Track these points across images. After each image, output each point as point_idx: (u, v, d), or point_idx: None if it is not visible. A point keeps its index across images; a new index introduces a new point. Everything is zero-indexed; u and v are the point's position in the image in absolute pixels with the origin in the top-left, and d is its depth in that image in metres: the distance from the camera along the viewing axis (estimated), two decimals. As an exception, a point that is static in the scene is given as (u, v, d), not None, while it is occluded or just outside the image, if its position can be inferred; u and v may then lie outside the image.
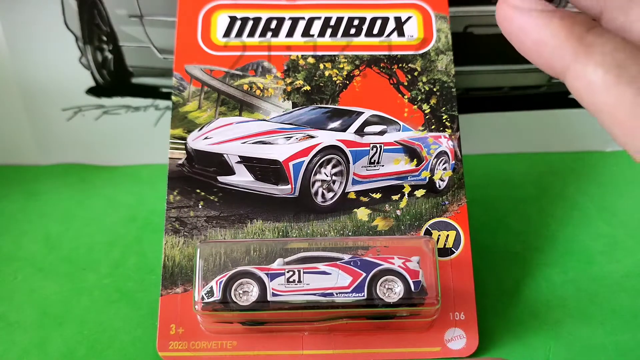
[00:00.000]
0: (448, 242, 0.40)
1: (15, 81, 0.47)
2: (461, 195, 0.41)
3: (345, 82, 0.43)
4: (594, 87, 0.25)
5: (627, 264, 0.44)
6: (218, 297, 0.36)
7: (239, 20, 0.44)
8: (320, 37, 0.44)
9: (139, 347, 0.40)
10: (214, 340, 0.38)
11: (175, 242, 0.39)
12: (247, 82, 0.43)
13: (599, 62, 0.25)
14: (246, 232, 0.39)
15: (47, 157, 0.50)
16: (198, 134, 0.42)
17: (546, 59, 0.27)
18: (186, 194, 0.40)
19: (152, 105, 0.49)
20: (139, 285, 0.43)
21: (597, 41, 0.25)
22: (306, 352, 0.38)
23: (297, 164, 0.40)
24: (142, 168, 0.50)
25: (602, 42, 0.25)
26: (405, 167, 0.41)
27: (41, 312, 0.42)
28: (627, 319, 0.41)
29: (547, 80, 0.50)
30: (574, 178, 0.49)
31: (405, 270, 0.36)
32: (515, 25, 0.28)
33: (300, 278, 0.36)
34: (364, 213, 0.40)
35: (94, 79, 0.48)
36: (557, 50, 0.26)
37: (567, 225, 0.46)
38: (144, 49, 0.48)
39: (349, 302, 0.36)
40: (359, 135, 0.41)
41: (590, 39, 0.25)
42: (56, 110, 0.48)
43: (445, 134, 0.42)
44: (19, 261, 0.45)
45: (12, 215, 0.47)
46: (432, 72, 0.43)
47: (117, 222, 0.47)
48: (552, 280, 0.43)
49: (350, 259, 0.37)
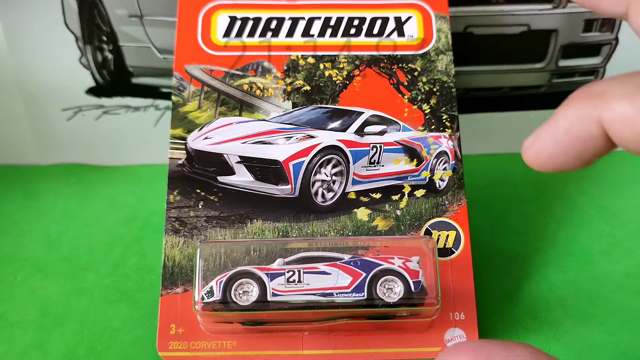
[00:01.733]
0: (448, 242, 0.40)
1: (15, 81, 0.47)
2: (461, 195, 0.41)
3: (345, 82, 0.43)
4: (631, 118, 0.23)
5: (627, 264, 0.44)
6: (218, 297, 0.36)
7: (239, 20, 0.44)
8: (320, 37, 0.44)
9: (139, 347, 0.40)
10: (214, 340, 0.38)
11: (175, 242, 0.39)
12: (247, 82, 0.43)
13: (615, 98, 0.24)
14: (246, 232, 0.39)
15: (47, 157, 0.50)
16: (198, 134, 0.42)
17: (606, 4, 0.27)
18: (186, 194, 0.40)
19: (152, 105, 0.49)
20: (139, 285, 0.43)
21: (605, 85, 0.24)
22: (306, 352, 0.38)
23: (297, 164, 0.40)
24: (142, 168, 0.50)
25: (609, 84, 0.24)
26: (405, 167, 0.41)
27: (41, 312, 0.42)
28: (627, 319, 0.41)
29: (547, 80, 0.50)
30: (574, 178, 0.49)
31: (405, 270, 0.36)
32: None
33: (300, 278, 0.36)
34: (364, 213, 0.40)
35: (94, 79, 0.48)
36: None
37: (567, 225, 0.46)
38: (144, 49, 0.48)
39: (349, 302, 0.36)
40: (359, 135, 0.41)
41: (597, 90, 0.25)
42: (56, 110, 0.48)
43: (445, 134, 0.42)
44: (19, 261, 0.45)
45: (12, 215, 0.47)
46: (432, 72, 0.43)
47: (117, 222, 0.47)
48: (552, 280, 0.43)
49: (350, 259, 0.37)
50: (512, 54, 0.49)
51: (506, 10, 0.47)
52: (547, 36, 0.48)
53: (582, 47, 0.48)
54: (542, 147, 0.26)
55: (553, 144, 0.25)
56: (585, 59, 0.49)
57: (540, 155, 0.26)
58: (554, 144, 0.25)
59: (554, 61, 0.49)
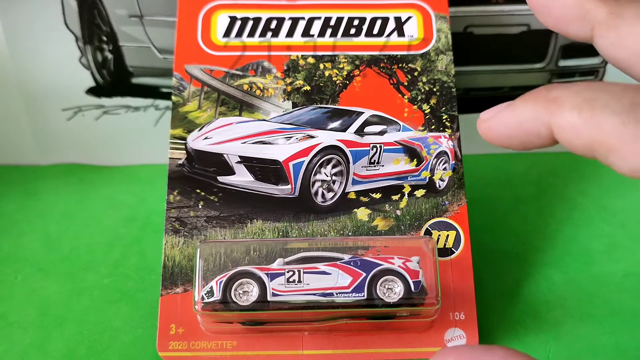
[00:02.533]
0: (448, 242, 0.40)
1: (15, 81, 0.47)
2: (461, 195, 0.41)
3: (345, 82, 0.43)
4: (578, 128, 0.26)
5: (627, 264, 0.44)
6: (218, 297, 0.36)
7: (239, 20, 0.44)
8: (320, 37, 0.44)
9: (139, 347, 0.40)
10: (214, 340, 0.38)
11: (175, 242, 0.39)
12: (247, 82, 0.43)
13: (567, 107, 0.26)
14: (246, 232, 0.39)
15: (47, 157, 0.50)
16: (198, 134, 0.42)
17: (572, 28, 0.30)
18: (186, 194, 0.40)
19: (152, 105, 0.49)
20: (139, 285, 0.43)
21: (562, 93, 0.27)
22: (306, 352, 0.38)
23: (297, 164, 0.40)
24: (142, 168, 0.50)
25: (566, 92, 0.27)
26: (405, 167, 0.41)
27: (41, 312, 0.42)
28: (627, 319, 0.41)
29: (547, 80, 0.50)
30: (574, 178, 0.49)
31: (405, 270, 0.36)
32: None
33: (300, 278, 0.36)
34: (364, 213, 0.40)
35: (94, 79, 0.48)
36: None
37: (567, 225, 0.46)
38: (144, 49, 0.48)
39: (349, 302, 0.36)
40: (359, 135, 0.41)
41: (554, 95, 0.27)
42: (56, 110, 0.48)
43: (445, 134, 0.42)
44: (19, 261, 0.45)
45: (12, 215, 0.47)
46: (432, 72, 0.43)
47: (117, 222, 0.47)
48: (552, 280, 0.43)
49: (350, 259, 0.37)
50: (512, 54, 0.49)
51: (506, 10, 0.47)
52: (547, 36, 0.48)
53: (582, 47, 0.48)
54: (494, 127, 0.29)
55: (504, 128, 0.29)
56: (585, 59, 0.49)
57: (490, 132, 0.29)
58: (505, 128, 0.28)
59: (554, 61, 0.49)
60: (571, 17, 0.30)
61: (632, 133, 0.24)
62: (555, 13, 0.30)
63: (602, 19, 0.29)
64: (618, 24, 0.28)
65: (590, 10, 0.29)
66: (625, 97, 0.25)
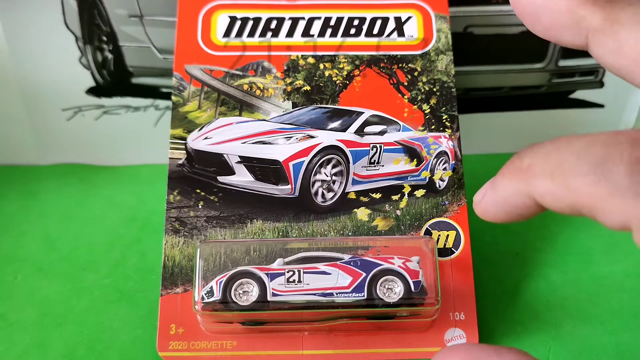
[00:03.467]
0: (448, 242, 0.40)
1: (15, 81, 0.47)
2: (461, 195, 0.41)
3: (345, 82, 0.43)
4: (556, 194, 0.25)
5: (627, 264, 0.44)
6: (218, 297, 0.36)
7: (239, 20, 0.44)
8: (320, 37, 0.44)
9: (139, 347, 0.40)
10: (214, 340, 0.38)
11: (175, 242, 0.39)
12: (247, 82, 0.43)
13: (540, 175, 0.26)
14: (246, 232, 0.39)
15: (47, 157, 0.50)
16: (198, 134, 0.42)
17: (566, 37, 0.29)
18: (186, 194, 0.40)
19: (152, 105, 0.49)
20: (139, 285, 0.43)
21: (532, 160, 0.27)
22: (306, 352, 0.38)
23: (297, 164, 0.40)
24: (142, 168, 0.50)
25: (535, 158, 0.26)
26: (405, 167, 0.41)
27: (41, 312, 0.42)
28: (627, 319, 0.41)
29: (547, 80, 0.50)
30: (574, 178, 0.49)
31: (405, 270, 0.36)
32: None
33: (300, 278, 0.36)
34: (364, 213, 0.40)
35: (94, 79, 0.48)
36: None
37: (567, 225, 0.46)
38: (144, 49, 0.48)
39: (349, 302, 0.36)
40: (359, 135, 0.41)
41: (525, 164, 0.27)
42: (56, 110, 0.48)
43: (445, 134, 0.42)
44: (19, 261, 0.45)
45: (12, 215, 0.47)
46: (432, 72, 0.43)
47: (117, 222, 0.47)
48: (552, 280, 0.43)
49: (350, 259, 0.37)
50: (512, 54, 0.49)
51: (506, 10, 0.47)
52: (547, 36, 0.48)
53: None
54: (488, 208, 0.29)
55: (495, 208, 0.28)
56: (585, 59, 0.49)
57: (486, 213, 0.29)
58: (496, 208, 0.28)
59: (554, 61, 0.49)
60: (563, 25, 0.29)
61: (606, 191, 0.24)
62: (545, 21, 0.29)
63: (597, 26, 0.28)
64: (616, 30, 0.27)
65: (584, 16, 0.28)
66: (591, 155, 0.24)
